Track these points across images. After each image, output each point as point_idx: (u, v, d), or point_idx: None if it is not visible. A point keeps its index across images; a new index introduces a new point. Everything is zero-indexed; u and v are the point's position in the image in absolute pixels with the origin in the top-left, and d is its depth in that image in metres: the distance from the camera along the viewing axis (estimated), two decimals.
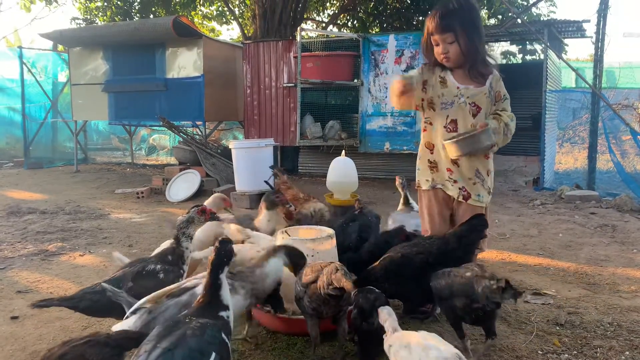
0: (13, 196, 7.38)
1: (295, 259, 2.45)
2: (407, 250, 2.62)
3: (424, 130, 2.89)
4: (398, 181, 4.13)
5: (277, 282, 2.45)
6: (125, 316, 2.13)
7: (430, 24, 2.71)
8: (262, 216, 3.33)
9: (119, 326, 2.10)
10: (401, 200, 4.02)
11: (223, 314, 1.89)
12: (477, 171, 2.79)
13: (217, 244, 1.97)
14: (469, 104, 2.73)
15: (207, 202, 3.60)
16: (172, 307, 2.12)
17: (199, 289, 2.18)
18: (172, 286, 2.31)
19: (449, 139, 2.66)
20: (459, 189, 2.79)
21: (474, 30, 2.67)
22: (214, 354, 1.68)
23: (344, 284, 1.98)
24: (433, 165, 2.85)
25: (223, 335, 1.78)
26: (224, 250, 1.96)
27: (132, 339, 1.92)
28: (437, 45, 2.72)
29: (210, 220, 2.86)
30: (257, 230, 3.21)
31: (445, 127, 2.76)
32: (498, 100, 2.81)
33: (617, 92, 10.29)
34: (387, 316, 2.05)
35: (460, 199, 2.79)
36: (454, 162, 2.77)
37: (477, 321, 2.22)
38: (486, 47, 2.84)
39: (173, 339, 1.66)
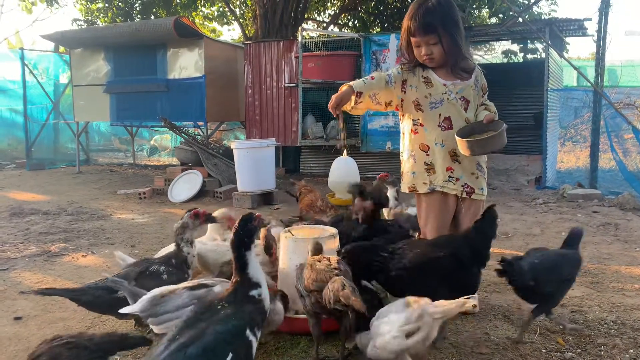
0: (15, 197, 7.39)
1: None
2: (436, 252, 2.45)
3: (415, 132, 2.82)
4: (387, 178, 4.05)
5: (277, 324, 2.43)
6: (139, 300, 2.13)
7: (411, 24, 2.61)
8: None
9: (126, 309, 2.12)
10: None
11: (254, 292, 1.89)
12: (477, 164, 2.79)
13: (236, 224, 1.96)
14: (459, 99, 2.71)
15: (215, 214, 3.57)
16: (185, 297, 2.13)
17: (217, 289, 2.20)
18: (192, 281, 2.33)
19: (460, 136, 2.58)
20: (462, 186, 2.77)
21: (455, 29, 2.61)
22: (230, 355, 1.61)
23: (352, 302, 1.94)
24: (430, 167, 2.80)
25: (247, 331, 1.74)
26: (243, 230, 1.95)
27: (116, 343, 1.89)
28: (419, 46, 2.65)
29: (205, 222, 2.80)
30: None
31: (439, 125, 2.73)
32: (485, 92, 2.82)
33: (619, 91, 10.24)
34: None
35: (464, 195, 2.78)
36: (454, 159, 2.75)
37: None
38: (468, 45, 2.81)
39: (193, 332, 1.63)
